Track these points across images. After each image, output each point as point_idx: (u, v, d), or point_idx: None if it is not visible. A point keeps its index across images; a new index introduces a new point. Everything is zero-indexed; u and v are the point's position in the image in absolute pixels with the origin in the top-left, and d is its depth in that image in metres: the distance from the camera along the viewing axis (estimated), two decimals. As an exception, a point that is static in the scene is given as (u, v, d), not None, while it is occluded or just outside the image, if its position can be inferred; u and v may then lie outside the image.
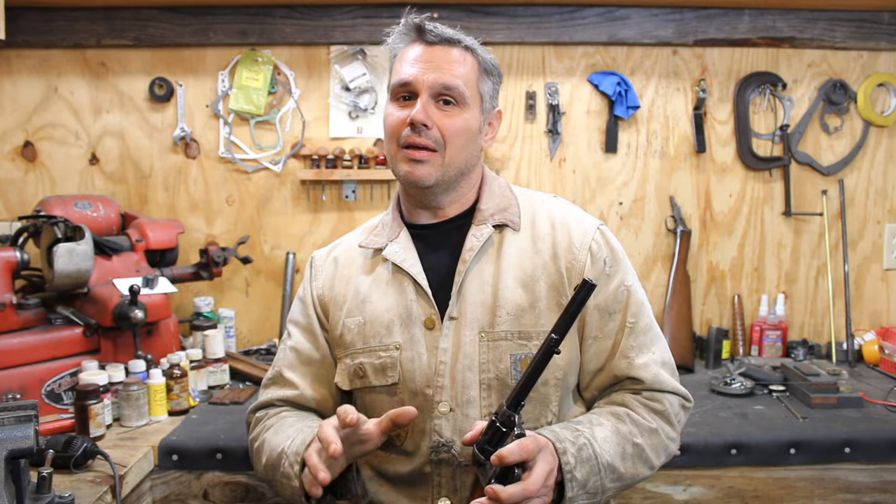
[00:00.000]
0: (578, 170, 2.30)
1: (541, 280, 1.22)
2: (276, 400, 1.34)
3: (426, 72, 1.20)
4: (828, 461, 1.60)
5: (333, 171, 2.21)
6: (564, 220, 1.28)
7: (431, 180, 1.22)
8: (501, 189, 1.32)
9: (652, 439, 1.20)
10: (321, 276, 1.37)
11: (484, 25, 2.20)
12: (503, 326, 1.21)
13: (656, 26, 2.22)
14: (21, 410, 1.11)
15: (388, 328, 1.25)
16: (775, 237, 2.32)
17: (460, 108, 1.22)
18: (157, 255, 2.02)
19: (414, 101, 1.21)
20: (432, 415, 1.20)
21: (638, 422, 1.20)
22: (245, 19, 2.19)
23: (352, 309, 1.29)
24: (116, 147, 2.25)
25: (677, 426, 1.25)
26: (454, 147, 1.22)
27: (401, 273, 1.26)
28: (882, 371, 2.10)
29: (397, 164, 1.24)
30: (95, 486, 1.33)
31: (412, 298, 1.24)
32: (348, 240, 1.41)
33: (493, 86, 1.28)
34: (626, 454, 1.16)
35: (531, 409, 1.21)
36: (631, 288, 1.26)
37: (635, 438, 1.18)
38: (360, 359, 1.26)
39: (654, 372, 1.23)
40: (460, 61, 1.22)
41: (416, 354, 1.22)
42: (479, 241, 1.24)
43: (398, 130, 1.22)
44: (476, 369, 1.20)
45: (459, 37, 1.23)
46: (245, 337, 2.30)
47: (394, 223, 1.32)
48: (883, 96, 2.29)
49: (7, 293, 1.70)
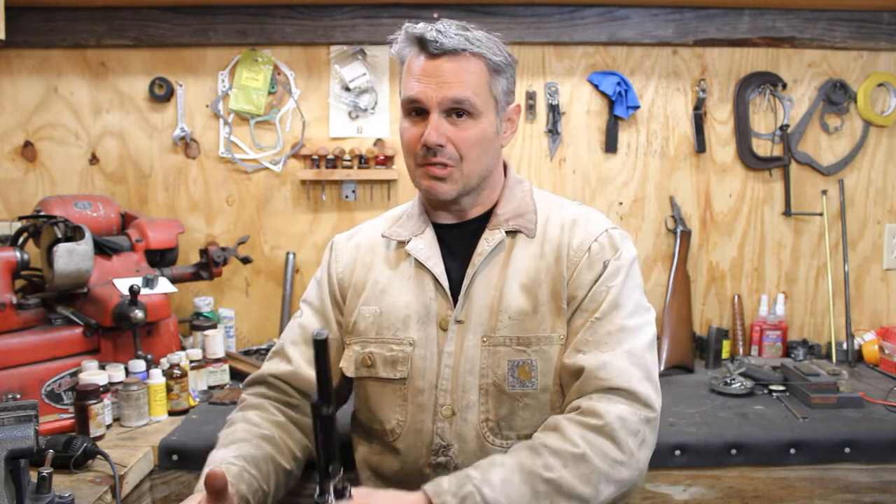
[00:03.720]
0: (578, 170, 2.30)
1: (544, 284, 1.21)
2: (269, 375, 1.35)
3: (433, 88, 1.17)
4: (828, 461, 1.60)
5: (333, 171, 2.21)
6: (575, 223, 1.26)
7: (453, 194, 1.22)
8: (523, 194, 1.30)
9: (579, 468, 1.04)
10: (342, 259, 1.37)
11: (484, 25, 2.16)
12: (503, 332, 1.20)
13: (656, 26, 2.22)
14: (21, 410, 1.11)
15: (404, 323, 1.25)
16: (775, 237, 2.32)
17: (474, 119, 1.19)
18: (157, 255, 2.02)
19: (426, 118, 1.18)
20: (435, 417, 1.20)
21: (559, 451, 1.05)
22: (245, 19, 2.19)
23: (369, 297, 1.29)
24: (116, 147, 2.25)
25: (629, 445, 1.07)
26: (471, 159, 1.20)
27: (423, 270, 1.26)
28: (882, 371, 2.10)
29: (418, 179, 1.23)
30: (95, 486, 1.33)
31: (431, 297, 1.24)
32: (369, 227, 1.40)
33: (507, 83, 1.24)
34: (539, 493, 1.02)
35: (530, 416, 1.19)
36: (612, 288, 1.18)
37: (549, 473, 1.03)
38: (370, 348, 1.26)
39: (603, 360, 1.11)
40: (468, 70, 1.18)
41: (429, 353, 1.23)
42: (489, 246, 1.23)
43: (414, 148, 1.21)
44: (476, 374, 1.20)
45: (464, 44, 1.18)
46: (245, 337, 2.30)
47: (419, 218, 1.31)
48: (883, 96, 2.29)
49: (7, 293, 1.70)
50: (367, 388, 1.29)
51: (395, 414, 1.24)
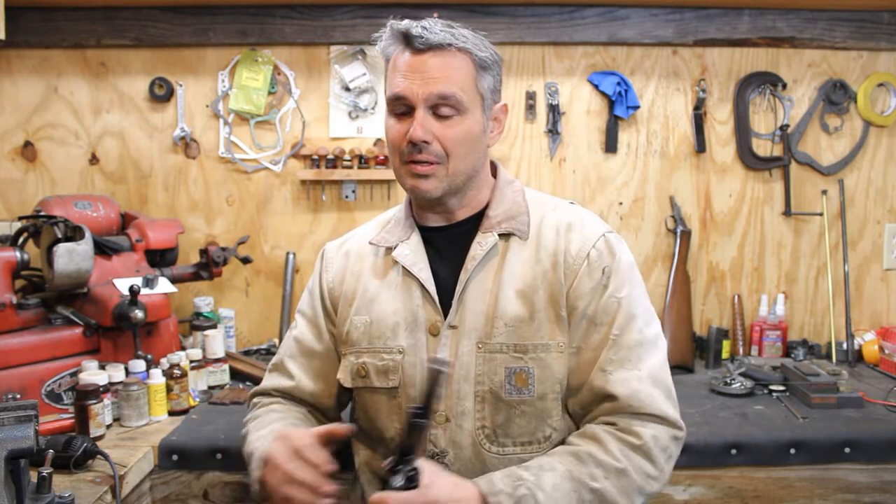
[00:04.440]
0: (578, 170, 2.30)
1: (540, 290, 1.19)
2: (272, 389, 1.35)
3: (419, 84, 1.15)
4: (828, 461, 1.60)
5: (333, 171, 2.21)
6: (570, 227, 1.24)
7: (438, 192, 1.20)
8: (514, 195, 1.28)
9: (620, 481, 1.09)
10: (332, 269, 1.36)
11: (484, 25, 2.16)
12: (499, 338, 1.18)
13: (656, 26, 2.22)
14: (21, 410, 1.11)
15: (393, 331, 1.23)
16: (775, 237, 2.32)
17: (460, 116, 1.17)
18: (157, 255, 2.02)
19: (411, 115, 1.17)
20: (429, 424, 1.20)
21: (604, 463, 1.09)
22: (245, 19, 2.19)
23: (360, 307, 1.28)
24: (116, 147, 2.25)
25: (661, 462, 1.13)
26: (457, 157, 1.18)
27: (409, 276, 1.25)
28: (882, 371, 2.10)
29: (403, 177, 1.21)
30: (95, 486, 1.33)
31: (419, 304, 1.23)
32: (361, 233, 1.39)
33: (493, 80, 1.22)
34: (584, 501, 1.07)
35: (526, 423, 1.18)
36: (623, 300, 1.18)
37: (595, 483, 1.08)
38: (363, 358, 1.26)
39: (634, 388, 1.14)
40: (454, 66, 1.16)
41: (419, 360, 1.21)
42: (482, 250, 1.21)
43: (399, 146, 1.19)
44: (472, 381, 1.19)
45: (449, 39, 1.15)
46: (245, 337, 2.30)
47: (406, 223, 1.30)
48: (883, 96, 2.29)
49: (7, 293, 1.70)
50: (364, 397, 1.28)
51: (392, 422, 1.24)
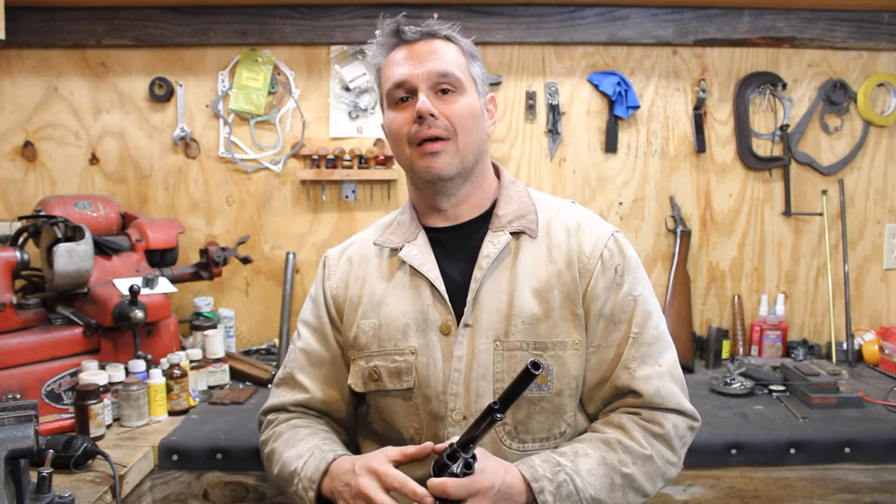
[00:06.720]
0: (578, 170, 2.30)
1: (555, 289, 1.21)
2: (288, 404, 1.34)
3: (418, 66, 1.20)
4: (828, 461, 1.60)
5: (333, 171, 2.21)
6: (580, 227, 1.27)
7: (452, 170, 1.21)
8: (520, 194, 1.30)
9: (646, 466, 1.16)
10: (335, 276, 1.35)
11: (484, 25, 2.20)
12: (518, 336, 1.19)
13: (656, 26, 2.22)
14: (21, 410, 1.11)
15: (403, 332, 1.24)
16: (775, 237, 2.32)
17: (460, 93, 1.22)
18: (157, 255, 2.02)
19: (413, 100, 1.20)
20: (445, 422, 1.20)
21: (631, 449, 1.16)
22: (245, 19, 2.19)
23: (367, 311, 1.28)
24: (116, 147, 2.25)
25: (680, 450, 1.21)
26: (465, 131, 1.21)
27: (418, 276, 1.25)
28: (882, 371, 2.10)
29: (414, 162, 1.22)
30: (95, 486, 1.33)
31: (429, 303, 1.23)
32: (362, 238, 1.39)
33: (480, 70, 1.28)
34: (615, 485, 1.13)
35: (545, 419, 1.20)
36: (639, 297, 1.24)
37: (625, 468, 1.14)
38: (374, 362, 1.25)
39: (657, 385, 1.19)
40: (446, 49, 1.23)
41: (432, 360, 1.21)
42: (496, 249, 1.22)
43: (406, 130, 1.21)
44: (490, 378, 1.19)
45: (435, 29, 1.23)
46: (245, 337, 2.30)
47: (411, 224, 1.30)
48: (883, 96, 2.29)
49: (7, 293, 1.70)
50: (378, 401, 1.28)
51: (411, 423, 1.24)
